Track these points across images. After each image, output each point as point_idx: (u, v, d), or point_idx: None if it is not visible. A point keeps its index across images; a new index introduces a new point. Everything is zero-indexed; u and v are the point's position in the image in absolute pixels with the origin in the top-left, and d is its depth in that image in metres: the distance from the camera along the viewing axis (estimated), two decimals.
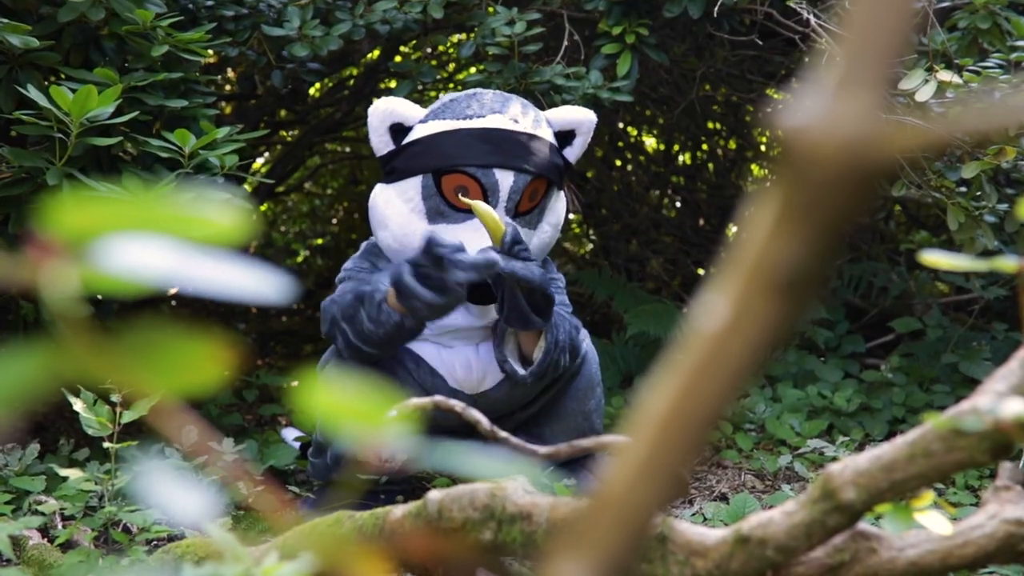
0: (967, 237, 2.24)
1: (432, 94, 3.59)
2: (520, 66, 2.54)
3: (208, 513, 0.36)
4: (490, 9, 2.64)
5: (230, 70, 3.29)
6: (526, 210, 2.07)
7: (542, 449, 1.05)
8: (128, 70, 2.20)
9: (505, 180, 2.01)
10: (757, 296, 0.35)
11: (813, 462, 2.44)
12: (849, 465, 0.94)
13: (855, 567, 1.01)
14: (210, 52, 2.36)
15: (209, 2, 2.48)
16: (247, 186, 2.98)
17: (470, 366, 2.09)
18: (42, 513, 1.82)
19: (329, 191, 4.97)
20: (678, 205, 4.25)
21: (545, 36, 2.69)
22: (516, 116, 2.04)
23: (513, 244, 1.92)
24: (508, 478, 1.16)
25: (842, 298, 3.38)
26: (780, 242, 0.34)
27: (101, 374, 0.31)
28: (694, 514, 2.15)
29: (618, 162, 4.10)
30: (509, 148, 2.01)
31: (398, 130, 2.06)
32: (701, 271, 3.97)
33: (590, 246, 4.42)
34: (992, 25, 2.13)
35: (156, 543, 1.84)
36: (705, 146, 4.15)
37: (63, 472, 1.74)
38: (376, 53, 3.24)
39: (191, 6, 2.46)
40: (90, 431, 1.72)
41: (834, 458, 2.39)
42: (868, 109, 0.33)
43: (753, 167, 4.24)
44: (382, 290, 1.91)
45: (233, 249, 0.32)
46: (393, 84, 3.22)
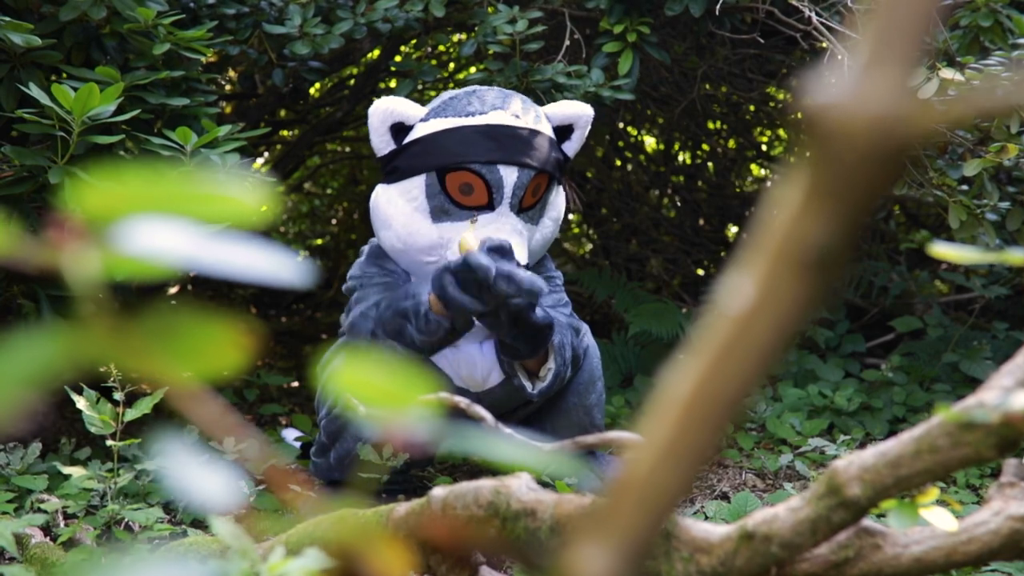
0: (968, 235, 2.24)
1: (432, 93, 3.59)
2: (521, 64, 2.54)
3: (230, 493, 0.36)
4: (491, 8, 2.64)
5: (231, 69, 3.29)
6: (529, 205, 2.07)
7: (546, 446, 1.05)
8: (129, 68, 2.20)
9: (509, 176, 2.01)
10: (784, 275, 0.35)
11: (814, 461, 2.44)
12: (855, 461, 0.94)
13: (860, 563, 1.01)
14: (211, 50, 2.36)
15: (210, 1, 2.48)
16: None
17: (475, 365, 2.09)
18: (44, 511, 1.81)
19: (329, 191, 4.97)
20: (678, 205, 4.25)
21: (546, 34, 2.69)
22: (517, 112, 2.04)
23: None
24: (512, 475, 1.16)
25: (843, 298, 3.38)
26: (807, 221, 0.34)
27: (121, 358, 0.31)
28: (695, 513, 2.15)
29: (618, 162, 4.10)
30: (512, 144, 2.01)
31: (399, 129, 2.06)
32: (701, 271, 3.97)
33: (590, 246, 4.41)
34: (994, 23, 2.14)
35: (159, 541, 1.83)
36: (705, 146, 4.15)
37: (66, 470, 1.73)
38: (377, 52, 3.24)
39: (192, 4, 2.46)
40: (93, 429, 1.72)
41: (835, 457, 2.38)
42: (897, 86, 0.33)
43: (754, 167, 4.24)
44: (424, 301, 1.92)
45: (254, 231, 0.32)
46: (394, 83, 3.22)
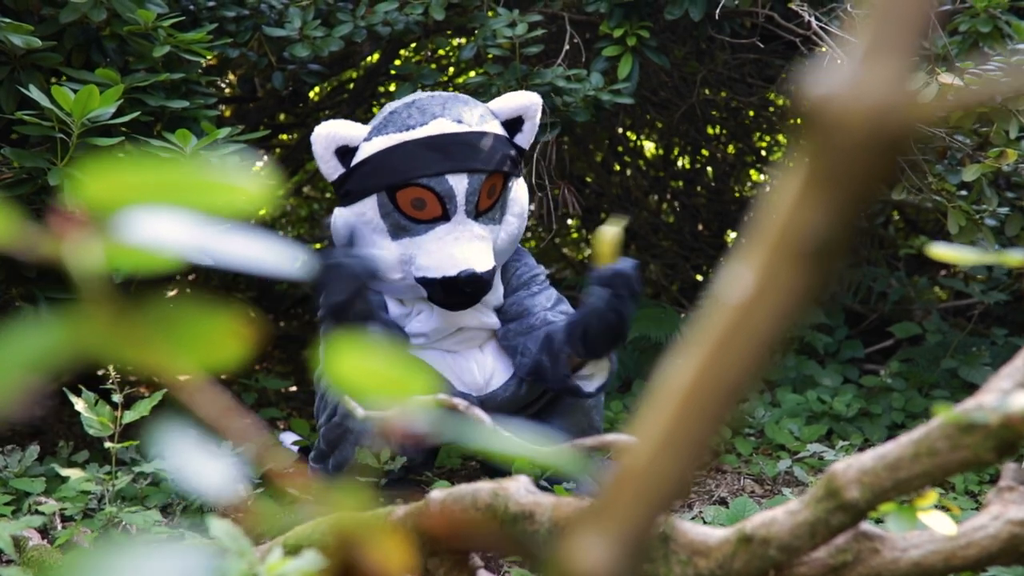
0: (967, 241, 2.24)
1: None
2: (521, 68, 2.54)
3: (233, 482, 0.36)
4: (491, 11, 2.64)
5: (231, 72, 3.29)
6: (487, 208, 2.05)
7: (544, 446, 1.04)
8: (129, 71, 2.20)
9: (459, 184, 2.00)
10: (783, 265, 0.35)
11: (812, 467, 2.44)
12: (853, 464, 0.94)
13: (858, 567, 1.00)
14: (211, 53, 2.36)
15: (210, 3, 2.48)
16: None
17: (475, 369, 2.10)
18: (42, 514, 1.81)
19: (328, 195, 4.96)
20: (677, 210, 4.25)
21: (546, 38, 2.69)
22: (459, 116, 2.02)
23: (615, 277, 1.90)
24: (510, 478, 1.15)
25: (841, 303, 3.38)
26: (806, 210, 0.34)
27: (122, 349, 0.31)
28: (693, 518, 2.14)
29: (617, 166, 4.10)
30: (457, 151, 1.99)
31: (344, 152, 2.03)
32: (700, 276, 3.97)
33: (589, 251, 4.41)
34: (993, 29, 2.14)
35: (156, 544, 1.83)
36: (704, 151, 4.15)
37: (64, 472, 1.73)
38: (376, 56, 3.24)
39: (192, 7, 2.46)
40: (91, 431, 1.71)
41: (833, 462, 2.38)
42: (895, 76, 0.33)
43: (753, 172, 4.24)
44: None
45: (257, 222, 0.33)
46: (393, 87, 3.22)
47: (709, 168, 4.17)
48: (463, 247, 1.98)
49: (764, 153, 4.08)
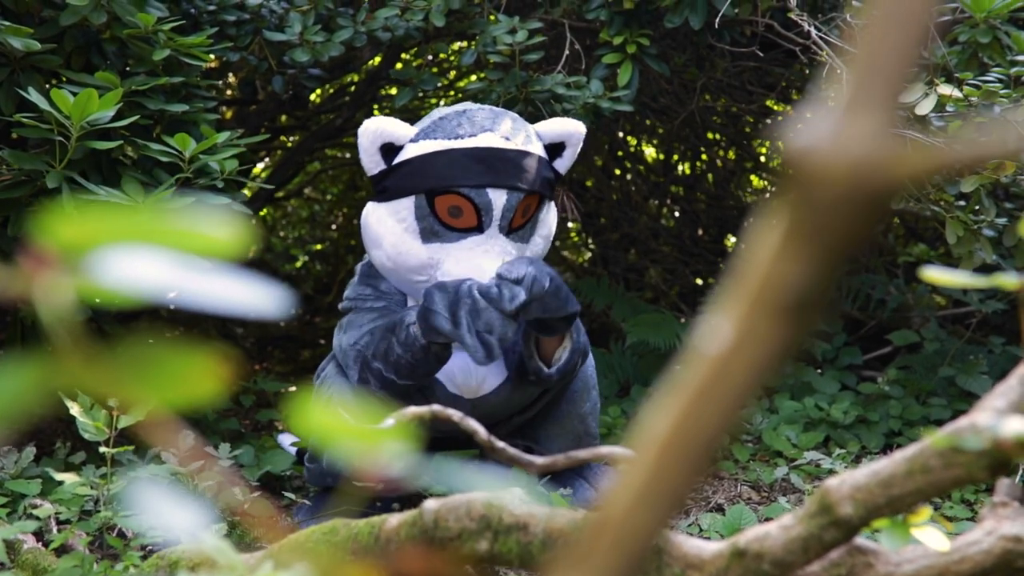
0: (965, 251, 2.24)
1: (433, 101, 3.59)
2: (521, 75, 2.54)
3: (199, 524, 0.36)
4: (492, 17, 2.64)
5: (231, 75, 3.29)
6: (519, 226, 2.09)
7: (538, 460, 1.04)
8: (129, 74, 2.20)
9: (498, 199, 2.03)
10: (762, 318, 0.35)
11: (809, 474, 2.44)
12: (847, 480, 0.94)
13: None
14: (211, 57, 2.36)
15: (211, 7, 2.48)
16: (247, 191, 2.98)
17: (469, 371, 2.10)
18: (37, 517, 1.81)
19: (329, 197, 4.97)
20: (677, 215, 4.25)
21: (546, 45, 2.70)
22: (507, 133, 2.05)
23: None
24: (505, 489, 1.15)
25: (840, 310, 3.38)
26: (786, 264, 0.34)
27: (96, 387, 0.31)
28: (690, 525, 2.14)
29: (618, 171, 4.10)
30: (501, 167, 2.02)
31: (388, 149, 2.06)
32: (699, 281, 3.97)
33: (589, 255, 4.42)
34: (992, 40, 2.14)
35: (151, 549, 1.83)
36: (705, 156, 4.15)
37: (58, 476, 1.73)
38: (377, 60, 3.25)
39: (193, 10, 2.46)
40: (86, 436, 1.71)
41: (831, 470, 2.38)
42: (876, 131, 0.33)
43: (753, 178, 4.24)
44: (413, 319, 2.00)
45: (231, 260, 0.32)
46: (394, 91, 3.22)
47: (709, 174, 4.17)
48: (492, 260, 2.02)
49: (764, 159, 4.08)
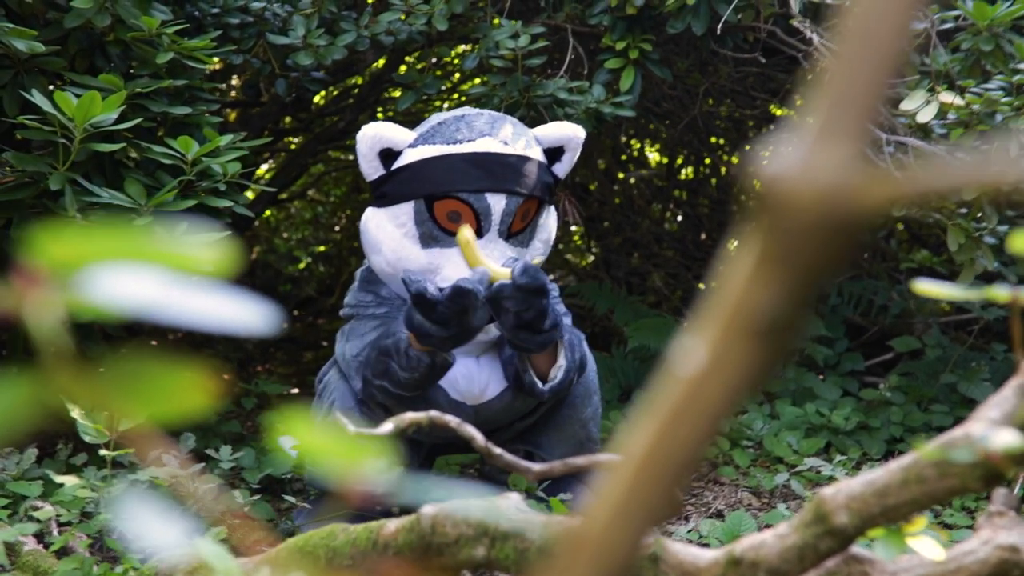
0: (967, 258, 2.24)
1: (436, 104, 3.60)
2: (523, 79, 2.55)
3: (189, 534, 0.36)
4: (494, 22, 2.64)
5: (235, 77, 3.30)
6: (518, 230, 2.09)
7: (536, 466, 1.05)
8: (133, 76, 2.21)
9: (497, 204, 2.03)
10: (734, 341, 0.35)
11: (810, 480, 2.44)
12: (842, 489, 0.94)
13: None
14: (215, 59, 2.37)
15: (215, 10, 2.49)
16: (250, 193, 2.98)
17: (472, 378, 2.10)
18: (38, 519, 1.81)
19: (332, 199, 4.98)
20: (680, 219, 4.25)
21: (549, 50, 2.70)
22: (506, 138, 2.05)
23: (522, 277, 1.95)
24: (503, 495, 1.16)
25: (842, 316, 3.38)
26: (758, 289, 0.34)
27: (86, 403, 0.31)
28: (690, 531, 2.14)
29: (620, 175, 4.10)
30: (500, 172, 2.02)
31: (387, 155, 2.07)
32: (702, 285, 3.97)
33: (591, 259, 4.42)
34: (995, 47, 2.14)
35: (151, 551, 1.84)
36: (708, 160, 4.15)
37: (59, 479, 1.74)
38: (381, 63, 3.25)
39: (197, 13, 2.47)
40: (87, 438, 1.72)
41: (831, 477, 2.38)
42: (846, 159, 0.33)
43: (755, 183, 4.24)
44: (404, 338, 1.99)
45: (220, 278, 0.33)
46: (397, 94, 3.23)
47: (712, 178, 4.17)
48: (490, 265, 2.01)
49: (767, 164, 4.07)
